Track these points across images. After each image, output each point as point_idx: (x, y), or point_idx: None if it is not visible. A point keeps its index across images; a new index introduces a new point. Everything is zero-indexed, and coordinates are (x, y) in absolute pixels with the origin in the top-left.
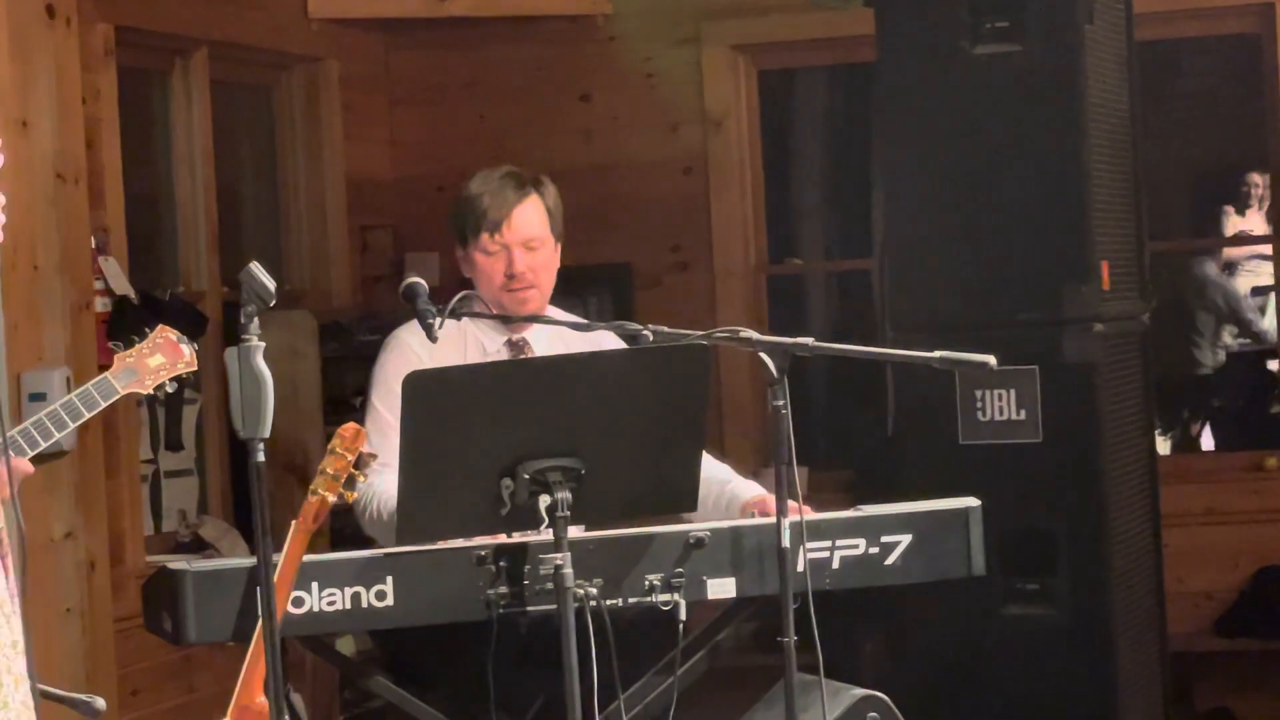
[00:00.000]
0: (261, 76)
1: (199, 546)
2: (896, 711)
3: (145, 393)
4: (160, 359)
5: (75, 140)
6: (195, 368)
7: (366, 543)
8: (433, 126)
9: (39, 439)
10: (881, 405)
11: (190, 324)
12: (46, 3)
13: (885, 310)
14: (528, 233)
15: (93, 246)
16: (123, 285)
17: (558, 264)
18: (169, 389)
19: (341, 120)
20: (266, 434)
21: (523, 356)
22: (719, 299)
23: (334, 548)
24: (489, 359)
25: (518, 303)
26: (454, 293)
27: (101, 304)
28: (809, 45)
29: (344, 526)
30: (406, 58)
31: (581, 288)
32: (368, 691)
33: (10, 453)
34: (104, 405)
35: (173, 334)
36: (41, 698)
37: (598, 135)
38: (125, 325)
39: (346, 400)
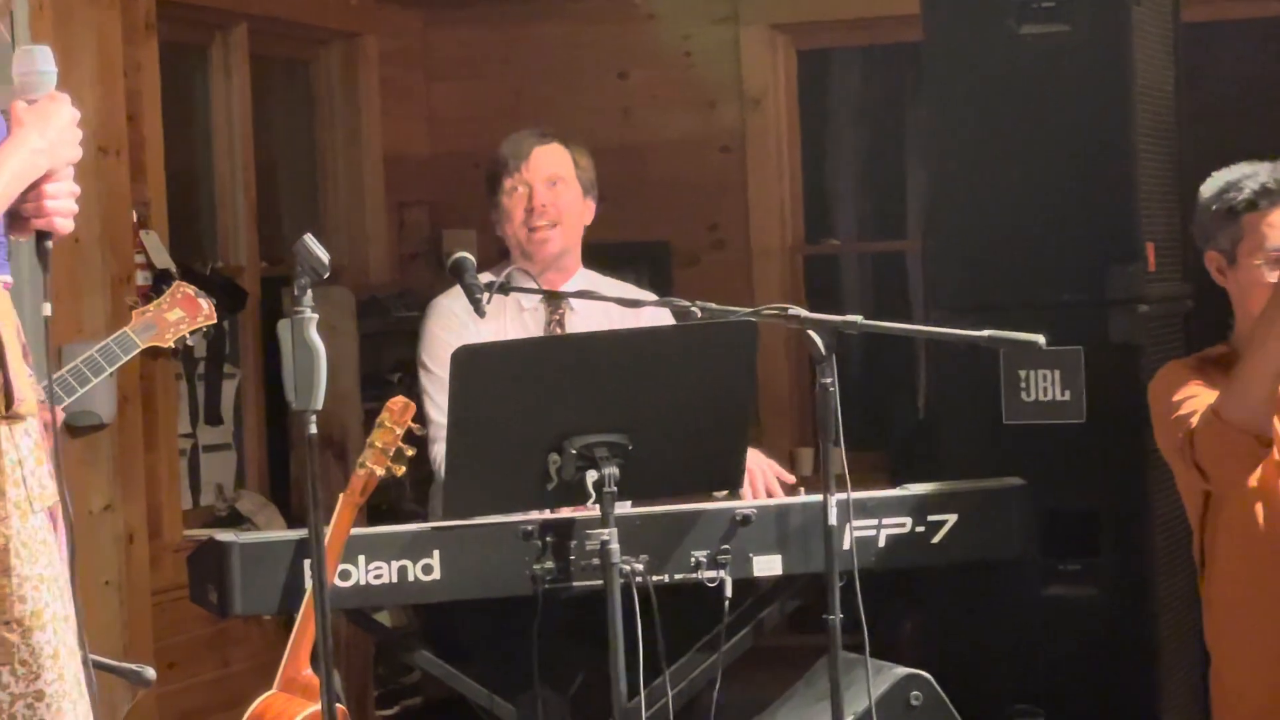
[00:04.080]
0: (300, 51)
1: (236, 520)
2: (940, 690)
3: (165, 346)
4: (179, 313)
5: (117, 114)
6: (214, 320)
7: (407, 517)
8: (470, 103)
9: (62, 395)
10: (916, 386)
11: (230, 299)
12: None
13: (929, 290)
14: (548, 170)
15: (133, 220)
16: (163, 259)
17: (587, 219)
18: (189, 342)
19: (379, 96)
20: (319, 406)
21: (559, 314)
22: (755, 278)
23: (371, 522)
24: (525, 314)
25: (538, 242)
26: (490, 269)
27: (142, 277)
28: (848, 25)
29: (381, 502)
30: (445, 34)
31: (618, 266)
32: (407, 666)
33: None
34: (124, 359)
35: (190, 289)
36: (91, 667)
37: (635, 113)
38: None
39: (384, 376)
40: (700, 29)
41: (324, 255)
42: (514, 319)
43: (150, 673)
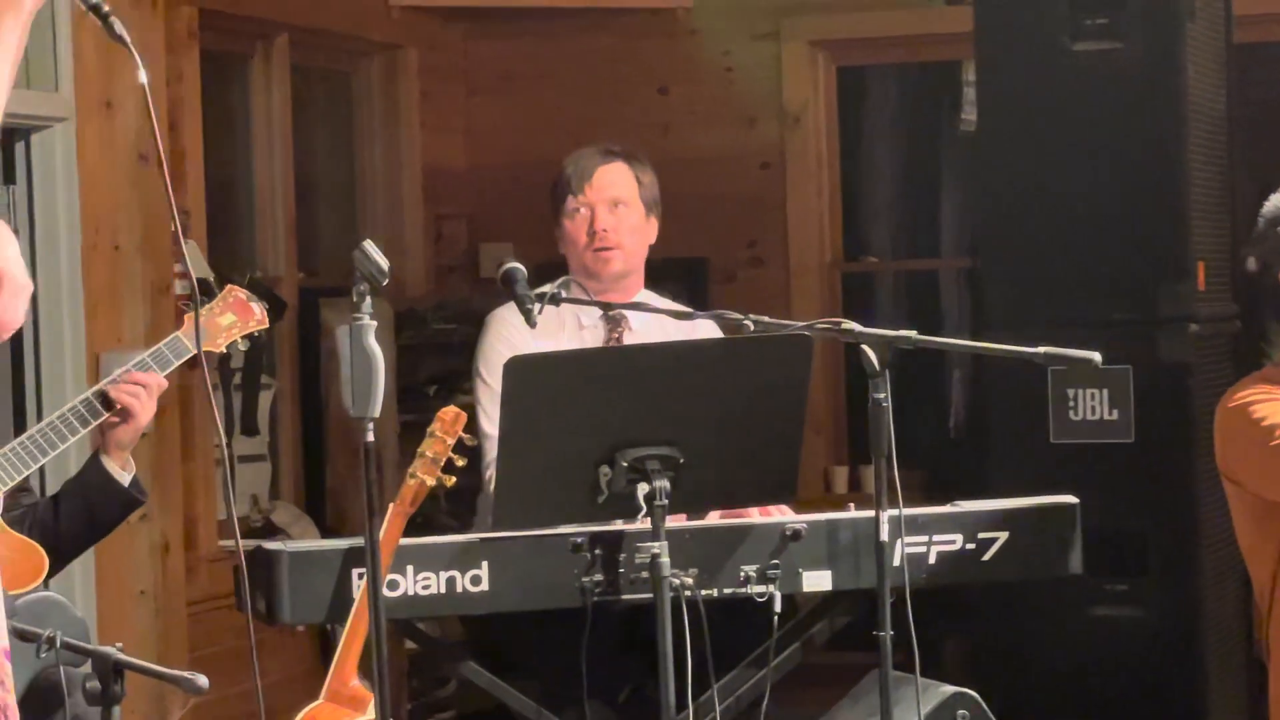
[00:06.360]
0: (341, 63)
1: (271, 531)
2: (987, 709)
3: (218, 351)
4: (231, 317)
5: (158, 122)
6: (266, 325)
7: (443, 530)
8: (509, 117)
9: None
10: (946, 405)
11: (268, 309)
12: None
13: (978, 307)
14: (611, 192)
15: (173, 229)
16: (202, 268)
17: (650, 237)
18: (241, 347)
19: (419, 109)
20: (377, 413)
21: (618, 332)
22: (793, 295)
23: (407, 534)
24: (584, 331)
25: (600, 262)
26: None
27: (181, 286)
28: (888, 42)
29: (417, 514)
30: (485, 47)
31: (656, 281)
32: (442, 679)
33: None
34: (176, 364)
35: (243, 293)
36: (144, 675)
37: (675, 128)
38: None
39: (420, 388)
40: (741, 45)
41: (383, 263)
42: (572, 336)
43: (203, 680)
